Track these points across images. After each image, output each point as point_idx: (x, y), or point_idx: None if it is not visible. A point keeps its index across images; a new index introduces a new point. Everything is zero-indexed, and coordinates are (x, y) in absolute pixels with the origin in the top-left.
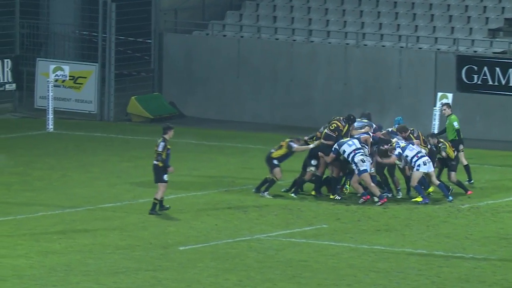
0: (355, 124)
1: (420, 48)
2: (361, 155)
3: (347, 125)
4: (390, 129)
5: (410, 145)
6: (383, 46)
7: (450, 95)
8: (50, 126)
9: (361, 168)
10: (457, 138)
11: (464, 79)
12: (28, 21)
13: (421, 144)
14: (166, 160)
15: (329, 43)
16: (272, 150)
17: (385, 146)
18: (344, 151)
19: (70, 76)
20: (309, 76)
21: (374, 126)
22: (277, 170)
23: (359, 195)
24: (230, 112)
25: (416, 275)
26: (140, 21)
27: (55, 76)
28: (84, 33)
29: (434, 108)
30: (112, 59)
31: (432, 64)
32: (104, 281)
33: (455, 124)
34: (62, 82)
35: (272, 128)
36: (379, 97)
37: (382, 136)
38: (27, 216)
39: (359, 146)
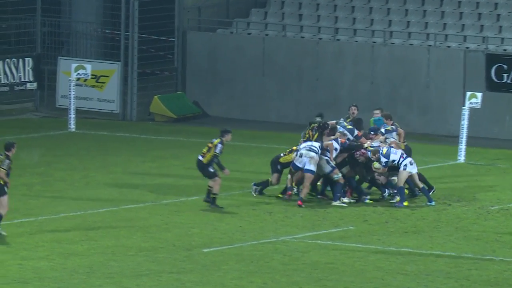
0: (340, 128)
1: (448, 47)
2: (309, 150)
3: (317, 133)
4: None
5: (392, 148)
6: (411, 44)
7: (479, 94)
8: (72, 126)
9: (307, 167)
10: None
11: (494, 78)
12: (50, 19)
13: (400, 140)
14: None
15: (356, 41)
16: (282, 154)
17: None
18: (299, 148)
19: (92, 75)
20: (335, 75)
21: (356, 133)
22: (276, 175)
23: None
24: (255, 111)
25: (445, 278)
26: (163, 19)
27: (77, 75)
28: (107, 31)
29: (463, 107)
30: (135, 57)
31: (461, 63)
32: (127, 283)
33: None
34: (84, 81)
35: (297, 128)
36: (407, 96)
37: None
38: (48, 217)
39: (314, 147)
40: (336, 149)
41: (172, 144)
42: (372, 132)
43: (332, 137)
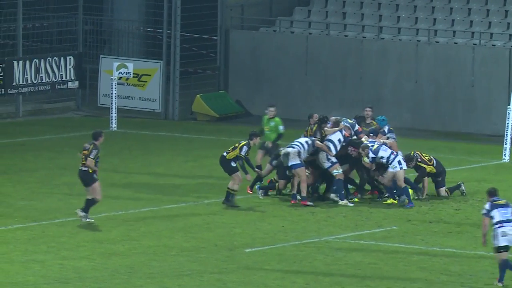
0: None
1: (493, 45)
2: (287, 147)
3: (315, 125)
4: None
5: (383, 146)
6: (456, 43)
7: None
8: (114, 125)
9: (291, 163)
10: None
11: None
12: (92, 18)
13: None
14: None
15: (400, 40)
16: (225, 154)
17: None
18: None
19: (134, 73)
20: (379, 74)
21: (357, 128)
22: (283, 182)
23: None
24: (298, 110)
25: (489, 279)
26: (206, 18)
27: (118, 73)
28: (149, 29)
29: (508, 107)
30: (177, 56)
31: (506, 61)
32: (169, 283)
33: (281, 127)
34: (126, 80)
35: None
36: (451, 95)
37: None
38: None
39: (295, 144)
40: (340, 140)
41: (214, 144)
42: (371, 134)
43: (336, 128)
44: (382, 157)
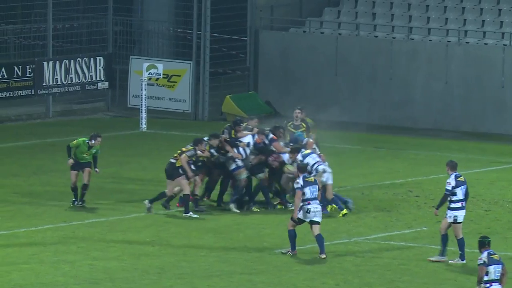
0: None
1: None
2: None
3: (232, 130)
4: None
5: (313, 154)
6: (486, 44)
7: None
8: (144, 126)
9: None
10: None
11: None
12: (121, 18)
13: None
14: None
15: (430, 40)
16: (173, 161)
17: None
18: None
19: (164, 74)
20: (409, 75)
21: (271, 136)
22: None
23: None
24: (327, 111)
25: None
26: (235, 18)
27: (148, 74)
28: (178, 30)
29: None
30: (207, 57)
31: None
32: (198, 284)
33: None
34: (156, 81)
35: (370, 128)
36: (481, 96)
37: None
38: (119, 218)
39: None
40: (248, 144)
41: None
42: (291, 144)
43: (247, 133)
44: (307, 164)
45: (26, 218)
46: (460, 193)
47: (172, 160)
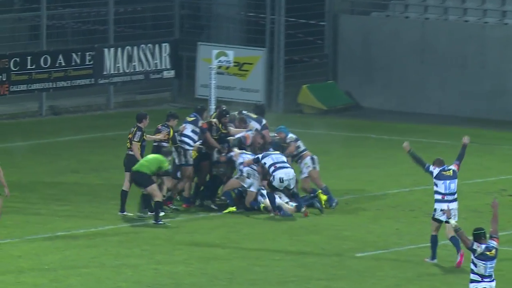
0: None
1: None
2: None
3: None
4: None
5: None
6: None
7: None
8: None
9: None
10: None
11: None
12: (189, 1)
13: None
14: None
15: None
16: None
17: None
18: None
19: (234, 62)
20: (503, 63)
21: (200, 124)
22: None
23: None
24: (413, 102)
25: None
26: (312, 1)
27: (218, 62)
28: (251, 14)
29: None
30: (282, 43)
31: None
32: None
33: None
34: (226, 69)
35: (460, 121)
36: None
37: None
38: (186, 218)
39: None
40: (194, 132)
41: (322, 139)
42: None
43: (240, 130)
44: (265, 164)
45: (85, 218)
46: None
47: (130, 152)
